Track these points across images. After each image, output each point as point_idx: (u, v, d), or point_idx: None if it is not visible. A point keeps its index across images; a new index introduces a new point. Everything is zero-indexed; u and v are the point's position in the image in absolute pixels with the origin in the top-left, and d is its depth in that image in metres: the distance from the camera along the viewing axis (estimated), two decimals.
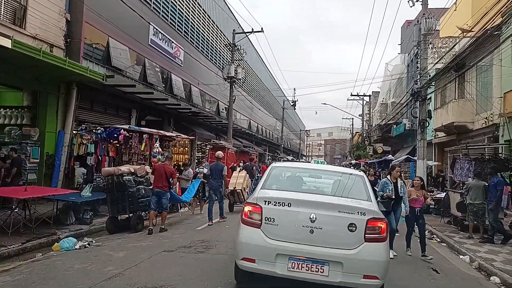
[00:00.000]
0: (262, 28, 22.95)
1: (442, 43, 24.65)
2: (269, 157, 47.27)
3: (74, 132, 11.98)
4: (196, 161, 21.85)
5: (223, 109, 26.99)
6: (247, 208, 4.41)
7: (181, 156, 23.64)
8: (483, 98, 17.26)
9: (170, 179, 9.06)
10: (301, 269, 4.07)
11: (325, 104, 53.68)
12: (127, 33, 15.18)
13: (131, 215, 8.77)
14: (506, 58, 15.18)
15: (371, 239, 4.14)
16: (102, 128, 11.27)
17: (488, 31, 12.93)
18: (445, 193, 11.88)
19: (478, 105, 17.41)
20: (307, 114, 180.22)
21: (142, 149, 11.12)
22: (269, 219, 4.23)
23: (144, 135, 11.29)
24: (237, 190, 12.50)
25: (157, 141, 11.51)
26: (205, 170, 16.24)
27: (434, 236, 10.02)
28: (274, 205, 4.27)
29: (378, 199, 7.05)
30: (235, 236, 4.60)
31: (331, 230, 4.18)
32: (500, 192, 8.80)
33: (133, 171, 8.85)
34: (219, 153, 11.18)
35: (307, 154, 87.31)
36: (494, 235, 8.93)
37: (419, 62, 15.98)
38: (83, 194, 9.08)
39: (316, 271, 4.05)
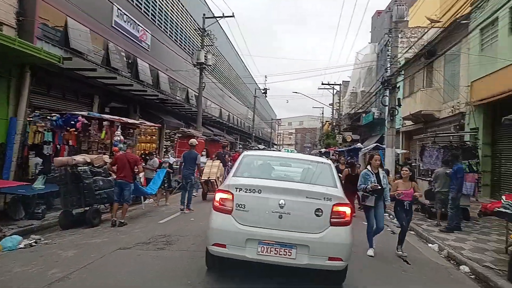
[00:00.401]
0: (233, 13, 22.30)
1: (411, 32, 24.89)
2: (240, 145, 46.98)
3: (28, 119, 11.07)
4: (164, 149, 21.17)
5: (192, 96, 26.22)
6: (219, 195, 4.53)
7: (148, 145, 22.98)
8: (451, 87, 17.52)
9: (136, 169, 8.54)
10: (270, 253, 4.25)
11: (296, 93, 53.38)
12: (88, 13, 14.18)
13: (87, 208, 8.13)
14: (473, 47, 15.38)
15: (336, 223, 4.35)
16: (57, 115, 10.43)
17: (457, 21, 12.96)
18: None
19: (446, 94, 17.66)
20: (278, 103, 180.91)
21: (102, 137, 10.40)
22: (240, 206, 4.37)
23: (104, 122, 10.55)
24: (211, 180, 12.27)
25: (119, 129, 10.79)
26: (171, 160, 15.74)
27: None
28: (245, 192, 4.41)
29: (361, 193, 6.73)
30: (206, 223, 4.63)
31: (299, 215, 4.35)
32: (461, 180, 8.81)
33: (89, 161, 8.20)
34: (193, 140, 11.00)
35: (278, 142, 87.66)
36: (461, 222, 8.98)
37: (389, 50, 15.89)
38: (34, 186, 8.35)
39: (284, 254, 4.24)
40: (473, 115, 15.12)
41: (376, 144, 19.18)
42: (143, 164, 11.07)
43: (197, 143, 12.03)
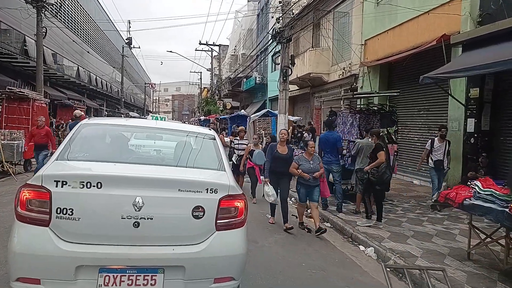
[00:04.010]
0: None
1: None
2: (107, 113, 40.82)
3: None
4: None
5: (28, 46, 19.75)
6: (24, 195, 2.71)
7: None
8: (341, 47, 16.03)
9: None
10: (120, 286, 2.68)
11: (171, 52, 48.59)
12: None
13: None
14: (368, 0, 13.80)
15: (225, 225, 2.97)
16: None
17: None
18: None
19: (338, 54, 16.11)
20: (153, 68, 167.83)
21: None
22: (64, 211, 2.67)
23: None
24: None
25: None
26: None
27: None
28: (73, 187, 2.69)
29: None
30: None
31: (167, 219, 2.84)
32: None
33: None
34: (77, 112, 10.62)
35: (154, 110, 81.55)
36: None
37: None
38: None
39: (144, 284, 2.73)
40: (368, 77, 13.78)
41: (267, 110, 16.83)
42: None
43: (82, 114, 10.84)
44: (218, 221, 2.95)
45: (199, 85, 53.62)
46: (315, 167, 6.10)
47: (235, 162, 8.88)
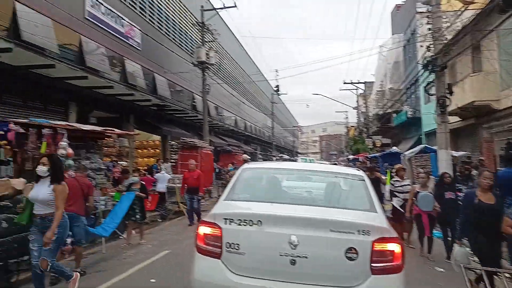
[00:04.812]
0: (235, 3, 19.25)
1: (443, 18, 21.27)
2: (260, 156, 43.87)
3: None
4: (171, 163, 17.92)
5: (194, 101, 22.99)
6: (202, 230, 3.24)
7: (151, 159, 20.13)
8: (510, 68, 13.76)
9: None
10: None
11: (316, 94, 50.20)
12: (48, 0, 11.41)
13: None
14: None
15: (381, 269, 2.91)
16: None
17: None
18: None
19: (509, 76, 13.85)
20: (300, 112, 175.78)
21: (42, 151, 7.37)
22: (232, 245, 3.06)
23: (44, 131, 7.51)
24: None
25: (64, 138, 7.62)
26: (166, 176, 12.80)
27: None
28: (239, 224, 3.09)
29: None
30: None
31: (321, 259, 2.97)
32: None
33: None
34: (245, 156, 10.98)
35: (302, 151, 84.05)
36: None
37: (431, 23, 12.36)
38: None
39: None
40: None
41: (424, 145, 15.28)
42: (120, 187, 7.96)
43: (249, 158, 11.44)
44: (372, 265, 2.93)
45: (345, 124, 53.33)
46: None
47: (398, 208, 7.79)
